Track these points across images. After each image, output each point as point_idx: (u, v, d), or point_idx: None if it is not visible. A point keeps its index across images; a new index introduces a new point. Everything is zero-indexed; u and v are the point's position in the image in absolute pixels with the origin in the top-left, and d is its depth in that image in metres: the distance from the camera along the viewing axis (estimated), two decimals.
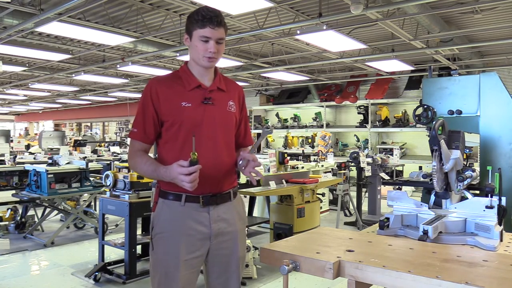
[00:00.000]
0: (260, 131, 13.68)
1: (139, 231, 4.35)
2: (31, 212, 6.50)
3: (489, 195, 1.99)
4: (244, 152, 1.96)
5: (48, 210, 6.26)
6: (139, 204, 4.16)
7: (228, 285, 2.01)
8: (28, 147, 11.44)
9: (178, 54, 8.49)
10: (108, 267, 4.40)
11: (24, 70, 10.78)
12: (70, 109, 22.57)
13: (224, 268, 1.99)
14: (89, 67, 10.27)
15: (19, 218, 6.27)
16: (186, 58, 8.67)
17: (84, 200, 6.44)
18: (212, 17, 1.86)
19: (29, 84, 13.11)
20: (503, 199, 1.98)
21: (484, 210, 1.94)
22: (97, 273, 4.25)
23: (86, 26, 6.42)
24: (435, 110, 2.95)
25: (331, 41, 7.11)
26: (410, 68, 9.56)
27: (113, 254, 5.09)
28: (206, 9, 1.89)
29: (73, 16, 6.37)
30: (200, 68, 1.97)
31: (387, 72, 10.51)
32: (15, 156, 7.44)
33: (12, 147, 9.41)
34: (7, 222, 6.26)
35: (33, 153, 8.99)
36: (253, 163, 1.93)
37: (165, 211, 1.92)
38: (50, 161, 5.93)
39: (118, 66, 9.58)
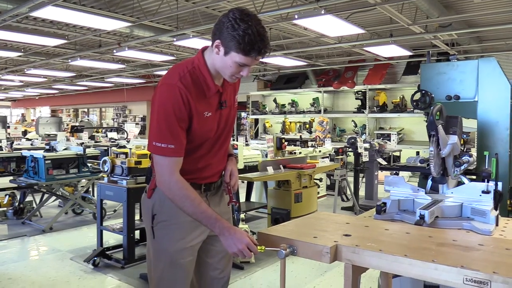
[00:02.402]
0: (258, 116, 13.67)
1: (137, 217, 4.36)
2: (29, 198, 6.50)
3: (486, 180, 2.00)
4: (234, 177, 2.04)
5: (46, 196, 6.27)
6: (137, 190, 4.17)
7: (221, 264, 2.06)
8: (25, 133, 11.41)
9: (175, 39, 8.41)
10: (107, 252, 4.43)
11: (20, 56, 10.68)
12: (66, 95, 22.43)
13: (219, 248, 1.99)
14: (85, 53, 10.18)
15: (17, 204, 6.28)
16: (182, 43, 8.63)
17: (82, 186, 6.45)
18: (261, 50, 1.68)
19: (25, 70, 13.01)
20: (500, 184, 1.99)
21: (480, 195, 1.95)
22: (95, 258, 4.28)
23: (82, 11, 6.34)
24: (433, 95, 2.94)
25: (329, 26, 7.05)
26: (409, 53, 9.51)
27: (112, 239, 5.12)
28: (257, 35, 1.65)
29: (68, 0, 6.28)
30: (219, 72, 1.82)
31: (385, 57, 10.46)
32: (12, 142, 7.42)
33: (9, 133, 9.38)
34: (5, 208, 6.27)
35: (30, 139, 8.96)
36: (231, 188, 2.02)
37: (168, 199, 1.83)
38: (47, 147, 5.92)
39: (114, 51, 9.50)
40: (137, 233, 4.44)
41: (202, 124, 1.81)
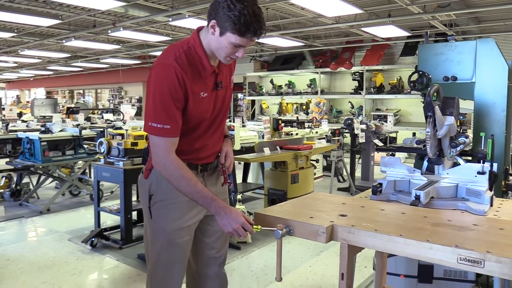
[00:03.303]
0: (255, 97, 13.62)
1: (134, 198, 4.38)
2: (25, 180, 6.51)
3: (481, 161, 2.01)
4: (229, 158, 2.03)
5: (43, 177, 6.27)
6: (133, 171, 4.17)
7: (218, 243, 2.08)
8: (20, 115, 11.34)
9: (170, 19, 8.31)
10: (105, 233, 4.46)
11: (13, 36, 10.53)
12: (61, 76, 22.22)
13: (216, 228, 2.00)
14: (79, 33, 10.05)
15: (14, 186, 6.28)
16: (178, 23, 8.52)
17: (78, 168, 6.45)
18: (257, 31, 1.66)
19: (19, 51, 12.84)
20: (495, 165, 2.00)
21: (475, 176, 1.96)
22: (93, 239, 4.31)
23: None
24: (430, 76, 2.93)
25: (327, 6, 6.98)
26: (406, 34, 9.44)
27: (109, 220, 5.14)
28: (252, 16, 1.63)
29: None
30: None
31: (383, 38, 10.38)
32: (7, 124, 7.37)
33: (4, 115, 9.32)
34: (2, 190, 6.28)
35: (25, 121, 8.91)
36: (226, 169, 2.01)
37: (164, 179, 1.84)
38: (43, 128, 5.89)
39: (109, 31, 9.38)
40: (134, 214, 4.46)
41: (198, 105, 1.80)
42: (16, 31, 9.94)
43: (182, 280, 1.97)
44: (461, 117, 2.47)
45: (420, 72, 2.94)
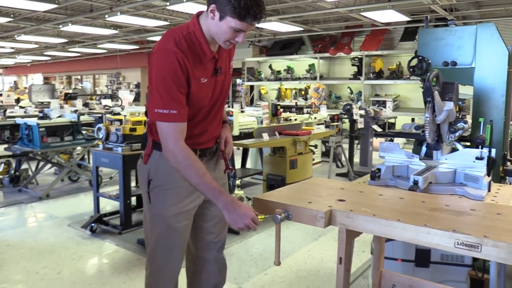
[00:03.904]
0: (253, 83, 13.56)
1: (133, 183, 4.38)
2: (24, 166, 6.51)
3: (480, 146, 2.01)
4: (229, 144, 2.05)
5: (41, 163, 6.27)
6: (132, 157, 4.17)
7: (217, 228, 2.09)
8: (18, 101, 11.25)
9: (168, 4, 8.22)
10: (104, 218, 4.48)
11: (9, 21, 10.42)
12: (59, 61, 22.04)
13: (215, 213, 2.02)
14: (76, 18, 9.94)
15: (13, 171, 6.28)
16: (176, 8, 8.43)
17: (77, 153, 6.44)
18: (257, 15, 1.64)
19: (15, 36, 12.72)
20: (493, 150, 2.01)
21: (474, 162, 1.97)
22: (93, 224, 4.33)
23: None
24: (429, 61, 2.92)
25: None
26: (406, 19, 9.36)
27: (108, 205, 5.16)
28: (252, 0, 1.62)
29: None
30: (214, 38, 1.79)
31: (382, 23, 10.30)
32: (5, 110, 7.34)
33: (1, 101, 9.26)
34: (1, 176, 6.28)
35: (23, 107, 8.86)
36: (225, 155, 2.03)
37: (164, 163, 1.85)
38: (41, 114, 5.87)
39: (106, 16, 9.29)
40: (133, 199, 4.48)
41: (199, 91, 1.79)
42: (12, 16, 9.83)
43: (181, 264, 1.99)
44: (460, 102, 2.46)
45: (420, 57, 2.92)
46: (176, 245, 1.94)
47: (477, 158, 1.96)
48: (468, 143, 2.73)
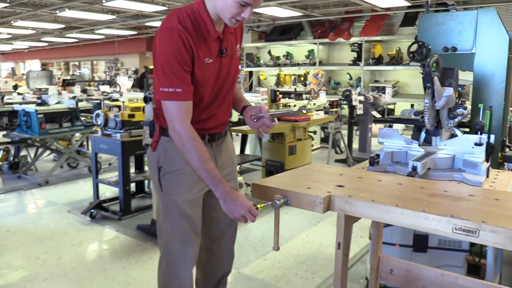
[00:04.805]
0: (252, 69, 13.49)
1: (132, 170, 4.40)
2: (23, 152, 6.50)
3: (479, 132, 2.01)
4: (265, 112, 1.94)
5: (40, 150, 6.27)
6: (131, 143, 4.17)
7: (228, 217, 2.03)
8: (15, 87, 11.19)
9: None
10: (103, 205, 4.50)
11: (6, 7, 10.31)
12: (56, 47, 21.88)
13: None
14: (73, 3, 9.83)
15: (12, 158, 6.28)
16: None
17: (76, 140, 6.44)
18: None
19: (12, 22, 12.60)
20: (492, 136, 2.00)
21: (472, 147, 1.96)
22: (92, 210, 4.35)
23: None
24: (430, 47, 2.89)
25: None
26: (407, 4, 9.28)
27: (108, 192, 5.18)
28: None
29: None
30: (220, 18, 1.75)
31: (382, 8, 10.21)
32: (3, 97, 7.31)
33: None
34: (0, 163, 6.29)
35: (21, 94, 8.82)
36: (266, 127, 1.94)
37: (173, 149, 1.80)
38: (39, 101, 5.86)
39: (103, 1, 9.19)
40: (132, 185, 4.49)
41: (204, 71, 1.76)
42: (8, 1, 9.72)
43: (197, 254, 1.95)
44: (460, 88, 2.46)
45: (420, 43, 2.90)
46: (192, 234, 1.90)
47: (476, 144, 1.95)
48: (467, 129, 2.73)
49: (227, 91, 1.93)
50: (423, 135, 2.26)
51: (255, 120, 1.96)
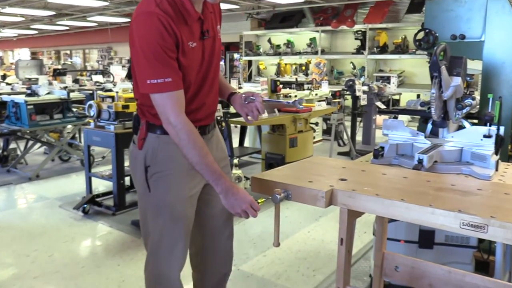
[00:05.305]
0: (251, 58, 13.45)
1: (126, 163, 4.39)
2: (13, 145, 6.49)
3: (488, 124, 2.01)
4: (258, 96, 1.92)
5: (30, 143, 6.26)
6: (125, 135, 4.16)
7: (224, 214, 2.00)
8: (4, 77, 11.19)
9: None
10: (97, 199, 4.50)
11: None
12: (47, 35, 21.77)
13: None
14: None
15: (1, 151, 6.28)
16: None
17: (68, 132, 6.43)
18: None
19: (0, 9, 12.53)
20: (502, 128, 2.00)
21: (481, 140, 1.96)
22: (85, 205, 4.35)
23: None
24: (437, 34, 2.88)
25: None
26: None
27: (101, 186, 5.18)
28: None
29: None
30: None
31: None
32: None
33: None
34: None
35: (10, 84, 8.81)
36: (256, 111, 1.92)
37: (162, 146, 1.77)
38: (28, 91, 5.84)
39: None
40: (127, 179, 4.48)
41: (189, 57, 1.71)
42: None
43: (185, 258, 1.93)
44: (468, 78, 2.43)
45: (427, 30, 2.89)
46: (182, 237, 1.86)
47: (484, 136, 1.95)
48: (476, 121, 2.72)
49: (213, 76, 1.88)
50: (429, 126, 2.25)
51: (246, 102, 1.94)
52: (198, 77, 1.81)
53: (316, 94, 7.86)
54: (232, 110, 4.96)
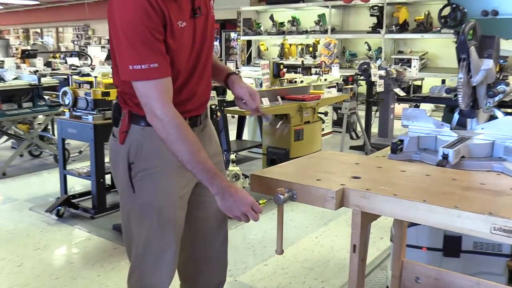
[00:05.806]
0: (251, 37, 13.43)
1: (107, 159, 4.39)
2: None
3: None
4: (254, 94, 2.00)
5: None
6: (105, 126, 4.16)
7: (218, 217, 2.02)
8: None
9: None
10: (73, 201, 4.51)
11: None
12: (13, 11, 21.78)
13: (213, 198, 1.98)
14: None
15: None
16: None
17: (39, 123, 6.43)
18: None
19: None
20: None
21: None
22: (59, 208, 4.36)
23: None
24: (465, 10, 2.88)
25: None
26: None
27: (78, 185, 5.19)
28: None
29: None
30: None
31: None
32: None
33: None
34: None
35: None
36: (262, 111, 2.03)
37: (147, 140, 1.76)
38: None
39: None
40: (107, 177, 4.49)
41: (178, 39, 1.69)
42: None
43: (175, 268, 1.93)
44: (502, 60, 2.44)
45: (454, 5, 2.88)
46: (171, 243, 1.85)
47: None
48: (510, 110, 2.73)
49: (204, 61, 1.86)
50: (456, 116, 2.25)
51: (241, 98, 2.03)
52: (188, 62, 1.79)
53: (326, 80, 7.86)
54: (228, 97, 4.97)
